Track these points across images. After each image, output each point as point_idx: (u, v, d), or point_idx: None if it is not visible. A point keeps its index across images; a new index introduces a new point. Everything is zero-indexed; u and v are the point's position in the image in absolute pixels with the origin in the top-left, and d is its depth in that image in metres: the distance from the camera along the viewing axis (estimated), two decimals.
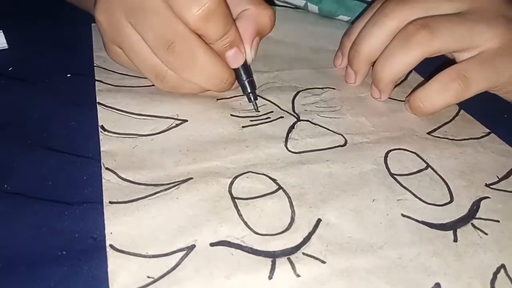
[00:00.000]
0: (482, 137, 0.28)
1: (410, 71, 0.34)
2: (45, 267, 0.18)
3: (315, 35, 0.39)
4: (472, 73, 0.27)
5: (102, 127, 0.25)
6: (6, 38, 0.32)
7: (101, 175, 0.22)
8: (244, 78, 0.28)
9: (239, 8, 0.27)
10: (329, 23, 0.41)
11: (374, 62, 0.30)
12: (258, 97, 0.29)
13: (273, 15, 0.28)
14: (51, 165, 0.23)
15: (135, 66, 0.27)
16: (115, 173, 0.22)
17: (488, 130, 0.28)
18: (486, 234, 0.21)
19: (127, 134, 0.25)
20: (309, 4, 0.41)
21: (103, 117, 0.26)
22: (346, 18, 0.41)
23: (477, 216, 0.22)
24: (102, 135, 0.25)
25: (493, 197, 0.23)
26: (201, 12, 0.23)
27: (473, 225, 0.21)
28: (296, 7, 0.43)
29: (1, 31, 0.31)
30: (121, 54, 0.28)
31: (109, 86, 0.29)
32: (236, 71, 0.27)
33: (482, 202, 0.23)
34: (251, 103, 0.28)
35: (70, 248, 0.19)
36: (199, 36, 0.25)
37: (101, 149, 0.24)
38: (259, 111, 0.28)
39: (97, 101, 0.27)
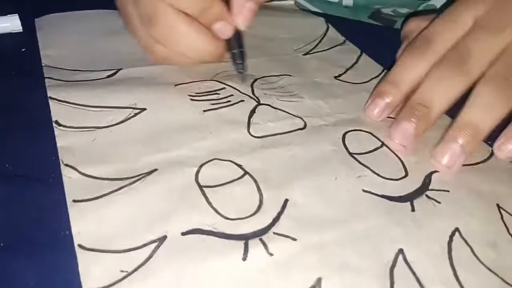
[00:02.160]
0: None
1: (361, 54, 0.35)
2: (48, 246, 0.18)
3: (268, 24, 0.39)
4: None
5: (57, 122, 0.24)
6: (21, 21, 0.33)
7: None
8: (235, 48, 0.29)
9: None
10: (280, 13, 0.42)
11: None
12: (242, 71, 0.29)
13: None
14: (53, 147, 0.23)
15: (135, 38, 0.30)
16: (75, 169, 0.22)
17: None
18: (439, 203, 0.23)
19: (84, 128, 0.24)
20: None
21: (57, 112, 0.25)
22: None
23: (430, 188, 0.24)
24: (57, 131, 0.24)
25: (441, 170, 0.25)
26: None
27: (427, 196, 0.23)
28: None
29: (16, 14, 0.32)
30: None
31: (59, 81, 0.27)
32: (227, 40, 0.28)
33: (433, 175, 0.24)
34: (237, 75, 0.29)
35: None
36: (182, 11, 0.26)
37: (58, 144, 0.23)
38: (245, 83, 0.29)
39: (49, 95, 0.26)
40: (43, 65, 0.29)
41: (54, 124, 0.24)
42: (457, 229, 0.21)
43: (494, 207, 0.23)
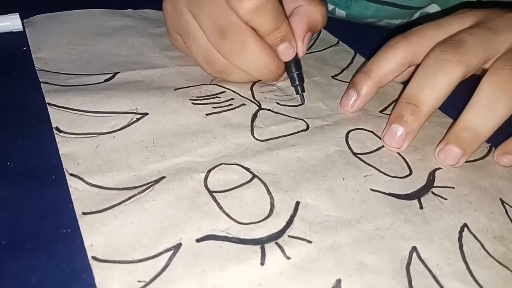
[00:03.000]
0: None
1: (355, 55, 0.36)
2: (51, 244, 0.18)
3: None
4: None
5: (57, 128, 0.23)
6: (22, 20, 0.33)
7: None
8: (294, 71, 0.29)
9: (293, 5, 0.29)
10: None
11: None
12: (301, 92, 0.29)
13: (325, 12, 0.29)
14: (55, 145, 0.22)
15: (189, 50, 0.29)
16: (81, 178, 0.21)
17: None
18: (445, 199, 0.23)
19: (86, 134, 0.23)
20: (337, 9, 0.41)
21: (56, 118, 0.24)
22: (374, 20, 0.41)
23: (435, 185, 0.24)
24: (58, 137, 0.23)
25: (444, 167, 0.25)
26: (251, 6, 0.25)
27: (433, 193, 0.23)
28: None
29: (17, 14, 0.32)
30: (179, 39, 0.30)
31: (56, 86, 0.26)
32: (286, 63, 0.29)
33: (437, 173, 0.25)
34: (298, 95, 0.29)
35: (74, 226, 0.19)
36: (253, 28, 0.26)
37: (60, 152, 0.22)
38: (304, 103, 0.29)
39: (47, 102, 0.25)
40: (36, 68, 0.28)
41: (54, 131, 0.23)
42: (465, 225, 0.21)
43: (497, 201, 0.23)
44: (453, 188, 0.24)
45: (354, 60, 0.35)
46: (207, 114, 0.26)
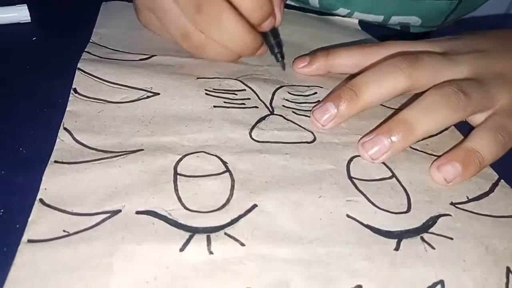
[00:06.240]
0: None
1: None
2: None
3: (315, 37, 0.38)
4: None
5: (75, 89, 0.26)
6: (29, 11, 0.33)
7: None
8: (272, 39, 0.31)
9: None
10: (330, 28, 0.40)
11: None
12: (281, 59, 0.31)
13: None
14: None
15: (164, 25, 0.30)
16: (70, 134, 0.23)
17: None
18: (433, 248, 0.19)
19: (96, 99, 0.25)
20: None
21: (78, 81, 0.26)
22: (345, 11, 0.42)
23: (429, 230, 0.20)
24: (72, 97, 0.25)
25: (454, 215, 0.21)
26: None
27: (422, 238, 0.20)
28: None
29: (25, 5, 0.33)
30: (150, 17, 0.31)
31: (94, 56, 0.29)
32: (264, 34, 0.30)
33: (441, 219, 0.21)
34: (278, 63, 0.31)
35: None
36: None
37: (67, 109, 0.24)
38: (285, 70, 0.31)
39: (78, 67, 0.28)
40: (90, 41, 0.31)
41: (71, 91, 0.26)
42: (441, 282, 0.18)
43: (502, 268, 0.18)
44: (452, 239, 0.20)
45: None
46: (214, 106, 0.27)
